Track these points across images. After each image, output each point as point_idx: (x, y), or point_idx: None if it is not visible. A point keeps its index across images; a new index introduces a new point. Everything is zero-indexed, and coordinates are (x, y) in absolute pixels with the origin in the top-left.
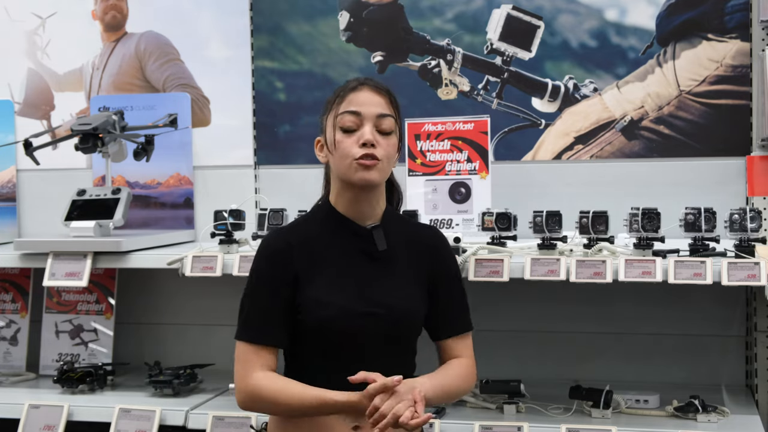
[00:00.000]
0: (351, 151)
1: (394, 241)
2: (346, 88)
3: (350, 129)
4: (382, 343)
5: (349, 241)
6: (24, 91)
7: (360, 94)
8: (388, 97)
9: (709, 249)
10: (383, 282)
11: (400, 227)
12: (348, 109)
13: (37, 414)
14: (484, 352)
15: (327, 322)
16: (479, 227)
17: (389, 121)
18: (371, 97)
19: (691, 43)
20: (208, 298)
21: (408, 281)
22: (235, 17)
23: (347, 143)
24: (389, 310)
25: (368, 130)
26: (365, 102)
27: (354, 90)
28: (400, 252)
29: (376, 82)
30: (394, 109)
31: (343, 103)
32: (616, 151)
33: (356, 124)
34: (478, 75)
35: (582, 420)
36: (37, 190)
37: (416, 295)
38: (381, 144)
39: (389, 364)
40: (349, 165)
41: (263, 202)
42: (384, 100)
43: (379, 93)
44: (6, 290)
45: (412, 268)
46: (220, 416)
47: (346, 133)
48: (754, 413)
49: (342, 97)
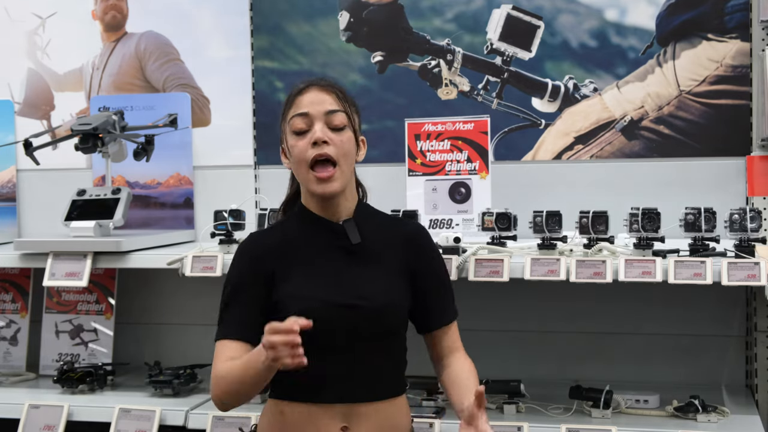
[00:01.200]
0: (305, 154)
1: (370, 233)
2: (293, 92)
3: (302, 131)
4: (365, 337)
5: (323, 238)
6: (24, 91)
7: (306, 96)
8: (336, 93)
9: (709, 249)
10: (361, 274)
11: (375, 220)
12: (297, 112)
13: (37, 414)
14: (484, 352)
15: (305, 316)
16: (479, 227)
17: (340, 116)
18: (318, 95)
19: (691, 43)
20: (208, 298)
21: (387, 272)
22: (235, 17)
23: (300, 146)
24: (369, 302)
25: (318, 128)
26: (312, 102)
27: (301, 93)
28: (376, 244)
29: (323, 80)
30: (344, 104)
31: (292, 107)
32: (616, 151)
33: (307, 125)
34: (478, 75)
35: (582, 420)
36: (37, 190)
37: (397, 286)
38: (334, 141)
39: (375, 358)
40: (306, 176)
41: (263, 202)
42: (331, 97)
43: (325, 91)
44: (6, 290)
45: (391, 260)
46: (220, 416)
47: (299, 136)
48: (754, 413)
49: (290, 103)
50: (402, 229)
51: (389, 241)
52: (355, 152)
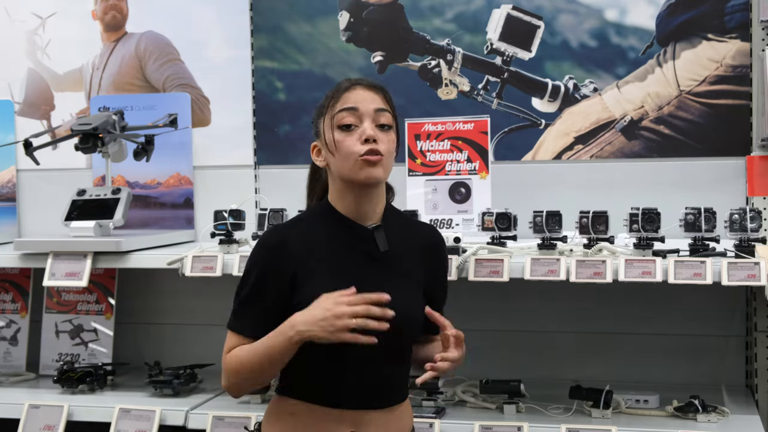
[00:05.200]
0: (354, 148)
1: (394, 240)
2: (339, 89)
3: (349, 126)
4: (383, 346)
5: (349, 242)
6: (24, 91)
7: (354, 93)
8: (383, 93)
9: (709, 249)
10: (383, 283)
11: (399, 226)
12: (345, 106)
13: (37, 414)
14: (484, 352)
15: None
16: (479, 227)
17: (387, 116)
18: (366, 94)
19: (691, 43)
20: (208, 298)
21: (407, 281)
22: (235, 17)
23: (349, 142)
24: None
25: (368, 125)
26: (361, 99)
27: (348, 89)
28: (399, 252)
29: (368, 80)
30: (389, 105)
31: (338, 102)
32: (616, 151)
33: (355, 121)
34: (478, 75)
35: (582, 420)
36: (37, 190)
37: (415, 294)
38: (382, 139)
39: (390, 366)
40: (353, 163)
41: (263, 202)
42: (379, 96)
43: (373, 90)
44: (6, 290)
45: (412, 268)
46: (220, 416)
47: (345, 132)
48: (754, 413)
49: (336, 98)
50: (422, 234)
51: (410, 247)
52: (395, 154)
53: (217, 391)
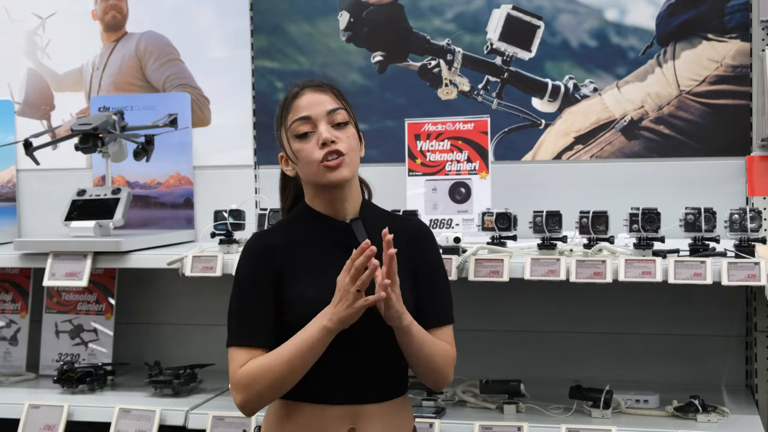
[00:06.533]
0: (313, 156)
1: (375, 233)
2: (288, 97)
3: (306, 134)
4: (372, 337)
5: (329, 238)
6: (24, 91)
7: (303, 99)
8: (332, 92)
9: (709, 249)
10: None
11: (380, 219)
12: (298, 116)
13: (37, 414)
14: (484, 352)
15: (313, 317)
16: (479, 227)
17: (341, 114)
18: (314, 97)
19: (691, 43)
20: (208, 298)
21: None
22: (235, 17)
23: (307, 149)
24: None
25: (323, 128)
26: (310, 104)
27: (296, 97)
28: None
29: (314, 81)
30: (341, 101)
31: (290, 112)
32: (616, 151)
33: (310, 128)
34: (478, 75)
35: (582, 420)
36: (37, 190)
37: (402, 285)
38: (340, 138)
39: (382, 359)
40: (316, 170)
41: (263, 202)
42: (328, 96)
43: (321, 91)
44: (6, 290)
45: (397, 259)
46: (220, 416)
47: (303, 140)
48: (754, 413)
49: (288, 108)
50: (406, 227)
51: (394, 240)
52: (361, 148)
53: (217, 391)
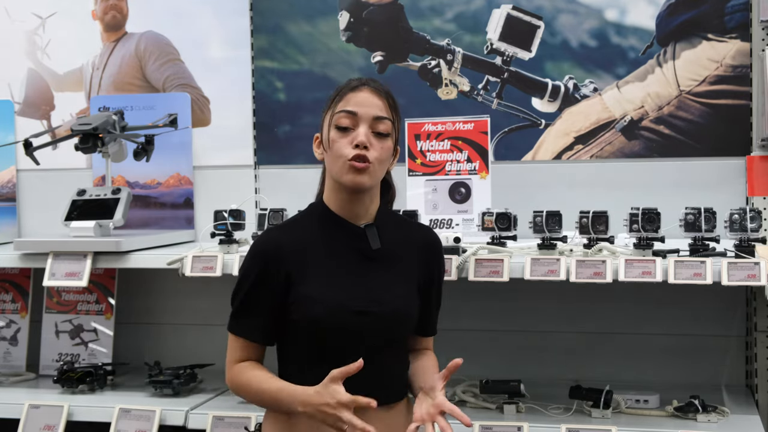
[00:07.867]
0: (344, 151)
1: (388, 239)
2: (346, 86)
3: (345, 128)
4: (376, 342)
5: (342, 240)
6: (24, 91)
7: (359, 94)
8: (388, 100)
9: (709, 249)
10: (376, 280)
11: (394, 226)
12: (345, 108)
13: (37, 414)
14: (484, 352)
15: (319, 320)
16: (479, 227)
17: (386, 124)
18: (370, 98)
19: (691, 43)
20: (208, 298)
21: (401, 279)
22: (235, 17)
23: (341, 143)
24: (382, 308)
25: (363, 131)
26: (363, 102)
27: (354, 89)
28: (394, 250)
29: (377, 83)
30: (392, 112)
31: (341, 102)
32: (616, 151)
33: (352, 124)
34: (478, 75)
35: (582, 420)
36: (37, 190)
37: (409, 293)
38: (375, 146)
39: (385, 364)
40: (341, 165)
41: (263, 202)
42: (383, 103)
43: (378, 95)
44: (6, 290)
45: (406, 266)
46: (220, 416)
47: (341, 132)
48: (754, 413)
49: (341, 96)
50: (419, 236)
51: (405, 246)
52: (390, 161)
53: (217, 391)
